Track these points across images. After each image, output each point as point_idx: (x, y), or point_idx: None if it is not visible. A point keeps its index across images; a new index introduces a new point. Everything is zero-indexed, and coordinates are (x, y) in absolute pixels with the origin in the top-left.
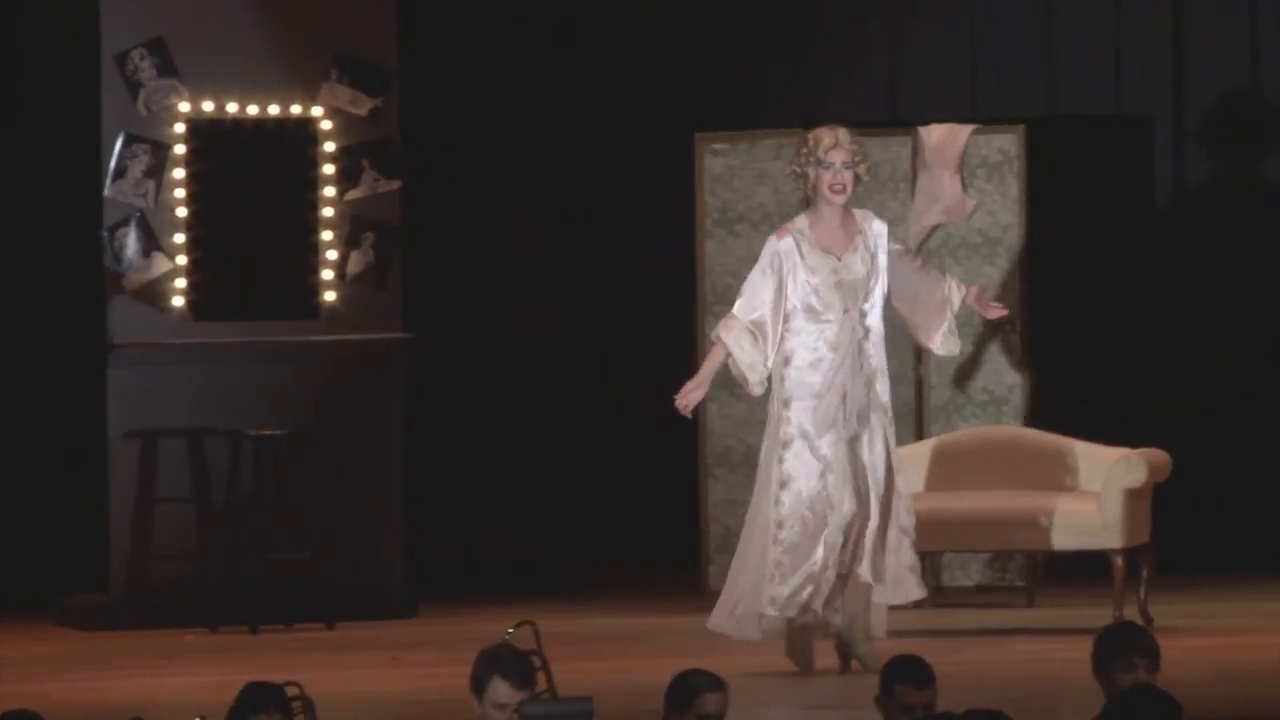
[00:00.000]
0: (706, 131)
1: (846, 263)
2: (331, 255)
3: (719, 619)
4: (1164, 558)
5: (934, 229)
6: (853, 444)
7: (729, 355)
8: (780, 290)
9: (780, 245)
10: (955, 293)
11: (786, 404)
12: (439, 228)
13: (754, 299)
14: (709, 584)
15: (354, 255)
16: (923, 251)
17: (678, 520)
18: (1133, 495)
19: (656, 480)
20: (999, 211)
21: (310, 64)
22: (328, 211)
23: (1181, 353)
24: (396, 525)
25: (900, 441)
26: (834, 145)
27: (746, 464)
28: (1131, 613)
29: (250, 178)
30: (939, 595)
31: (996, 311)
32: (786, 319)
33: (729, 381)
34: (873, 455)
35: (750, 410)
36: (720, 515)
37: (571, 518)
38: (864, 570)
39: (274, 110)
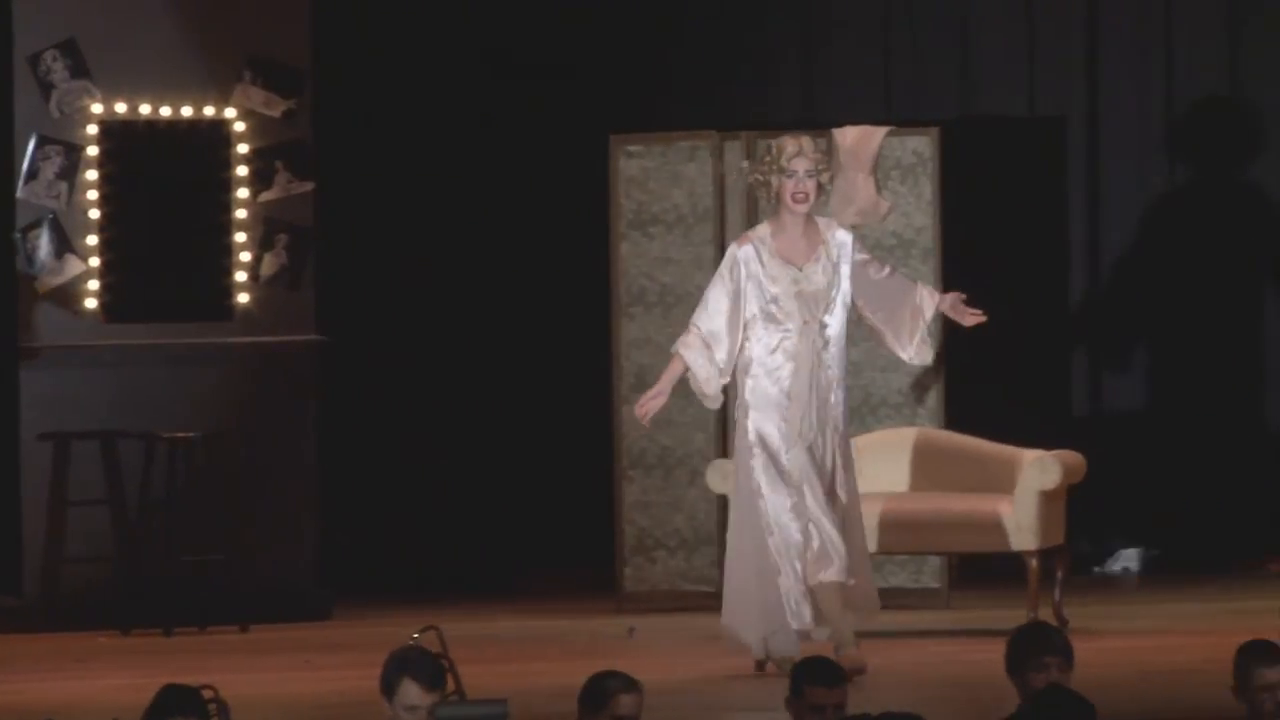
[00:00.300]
0: (621, 133)
1: (807, 273)
2: (245, 257)
3: (742, 629)
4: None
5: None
6: (810, 452)
7: (687, 369)
8: (739, 298)
9: (740, 253)
10: (928, 300)
11: (745, 412)
12: (353, 229)
13: (712, 308)
14: (624, 585)
15: (267, 257)
16: None
17: (592, 522)
18: (1047, 497)
19: (571, 482)
20: (913, 213)
21: (223, 65)
22: (241, 213)
23: (1096, 354)
24: (310, 527)
25: None
26: (797, 153)
27: (661, 465)
28: (1046, 614)
29: (163, 179)
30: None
31: (974, 319)
32: (746, 327)
33: (643, 384)
34: (833, 464)
35: (664, 412)
36: (635, 517)
37: (486, 519)
38: (834, 573)
39: (187, 112)
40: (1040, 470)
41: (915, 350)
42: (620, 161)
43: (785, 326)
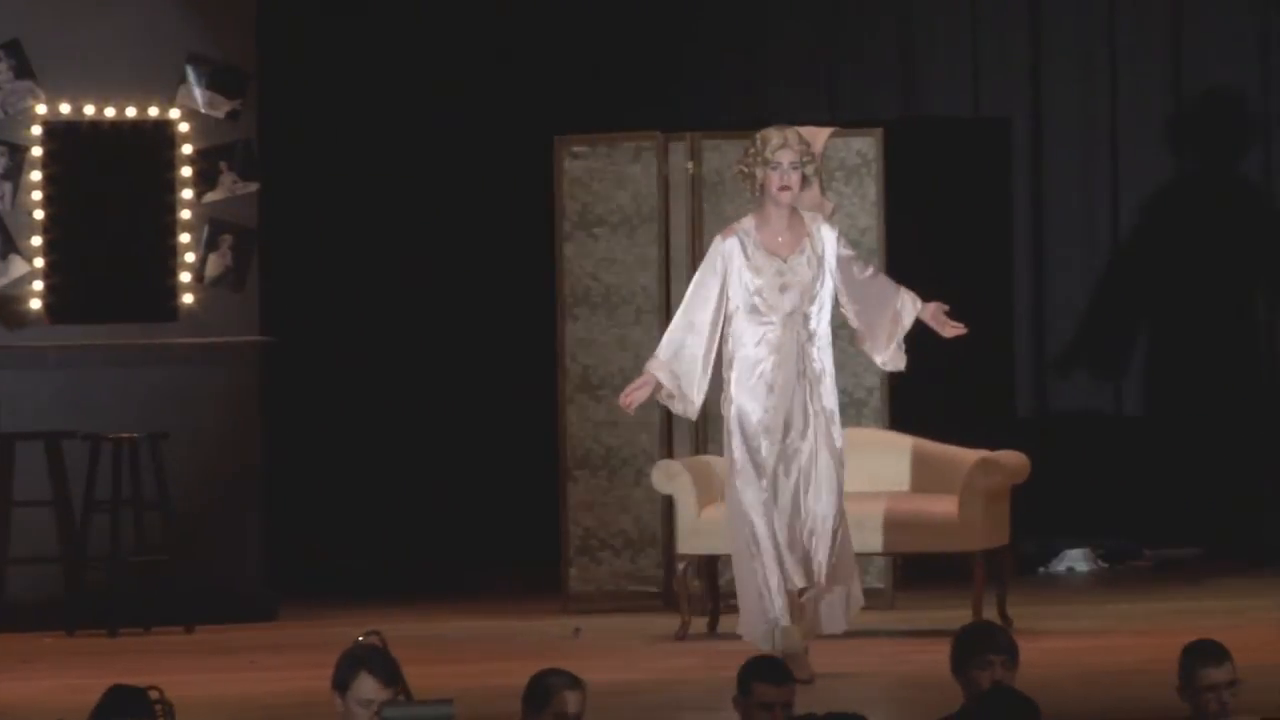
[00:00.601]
0: (565, 134)
1: (792, 265)
2: (189, 258)
3: (752, 630)
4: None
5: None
6: (790, 446)
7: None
8: (722, 291)
9: (724, 246)
10: (909, 307)
11: (729, 405)
12: (297, 230)
13: (693, 315)
14: (569, 586)
15: (212, 258)
16: None
17: (538, 522)
18: (991, 498)
19: (516, 482)
20: (857, 214)
21: (168, 66)
22: (185, 214)
23: (1040, 355)
24: (255, 528)
25: None
26: (782, 145)
27: (606, 466)
28: (990, 615)
29: (107, 180)
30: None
31: (954, 331)
32: (729, 320)
33: (588, 384)
34: (814, 460)
35: (610, 413)
36: (580, 518)
37: (431, 520)
38: (815, 574)
39: (131, 113)
40: (985, 471)
41: (890, 355)
42: (565, 162)
43: (768, 319)
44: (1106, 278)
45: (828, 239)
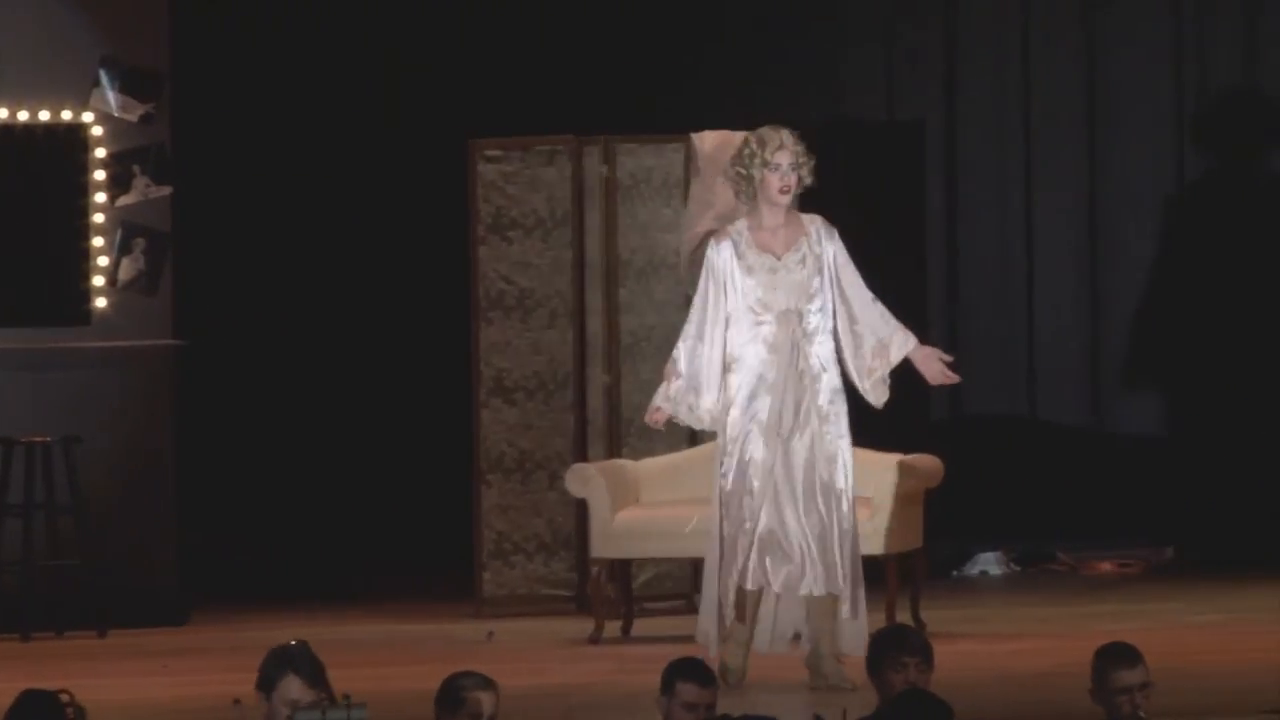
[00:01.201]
0: (479, 137)
1: (786, 263)
2: (102, 262)
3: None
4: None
5: (707, 235)
6: (788, 447)
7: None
8: (720, 300)
9: (718, 250)
10: (899, 344)
11: (726, 408)
12: (211, 234)
13: (702, 325)
14: (482, 590)
15: (125, 262)
16: (696, 259)
17: (451, 526)
18: (905, 501)
19: (430, 486)
20: None
21: (81, 69)
22: (99, 218)
23: (955, 357)
24: (169, 532)
25: (672, 447)
26: (780, 146)
27: (520, 470)
28: (904, 618)
29: (20, 184)
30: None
31: (945, 379)
32: (726, 323)
33: (502, 388)
34: (811, 459)
35: (523, 416)
36: (493, 521)
37: (345, 523)
38: (813, 583)
39: (44, 116)
40: (898, 474)
41: (870, 387)
42: (479, 166)
43: (763, 318)
44: (1020, 278)
45: (827, 242)
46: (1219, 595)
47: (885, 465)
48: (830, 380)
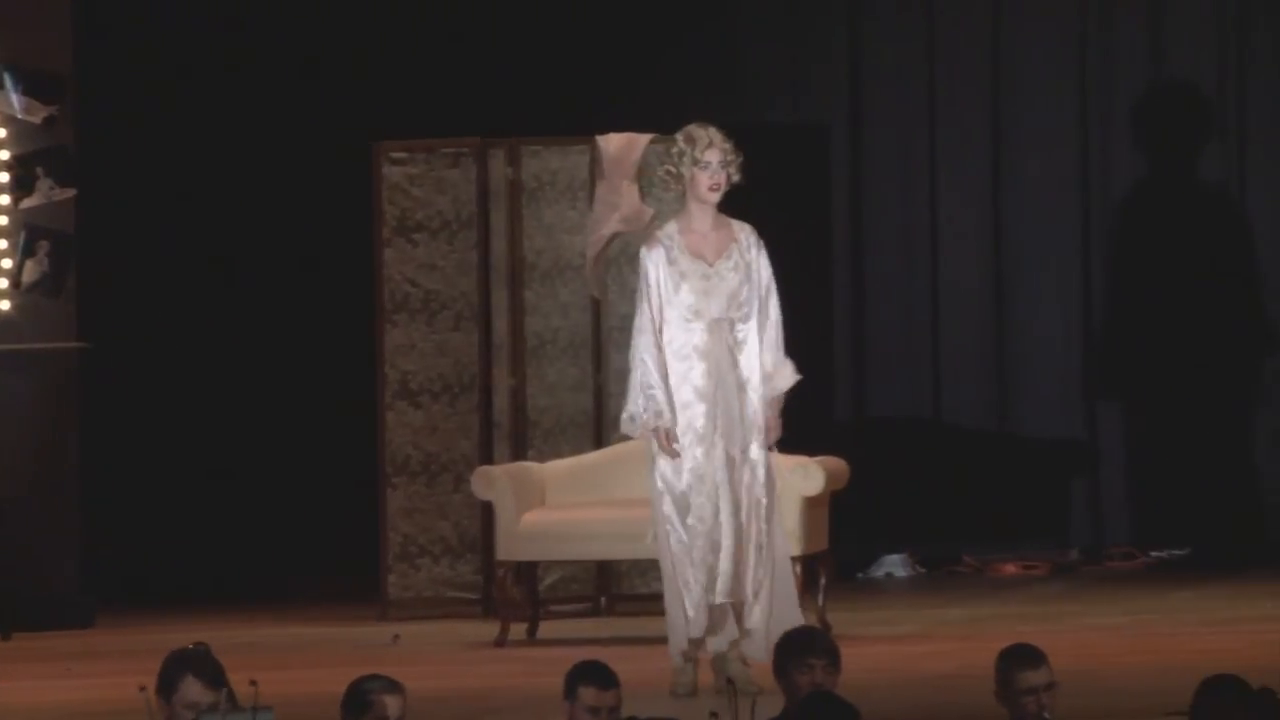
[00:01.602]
0: (384, 139)
1: (719, 270)
2: (6, 264)
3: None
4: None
5: (613, 237)
6: (726, 456)
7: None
8: (657, 304)
9: (650, 256)
10: (784, 377)
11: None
12: (116, 236)
13: (655, 334)
14: (388, 593)
15: (29, 264)
16: (602, 261)
17: (357, 529)
18: (810, 503)
19: (335, 489)
20: None
21: None
22: (2, 220)
23: (859, 361)
24: (72, 535)
25: (578, 450)
26: (709, 145)
27: (426, 472)
28: (810, 620)
29: None
30: (618, 603)
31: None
32: (660, 330)
33: (407, 390)
34: (747, 467)
35: (429, 418)
36: (399, 524)
37: (250, 526)
38: (722, 591)
39: None
40: (803, 476)
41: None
42: (384, 168)
43: (695, 324)
44: (925, 280)
45: (758, 252)
46: (1124, 597)
47: (791, 467)
48: (754, 390)
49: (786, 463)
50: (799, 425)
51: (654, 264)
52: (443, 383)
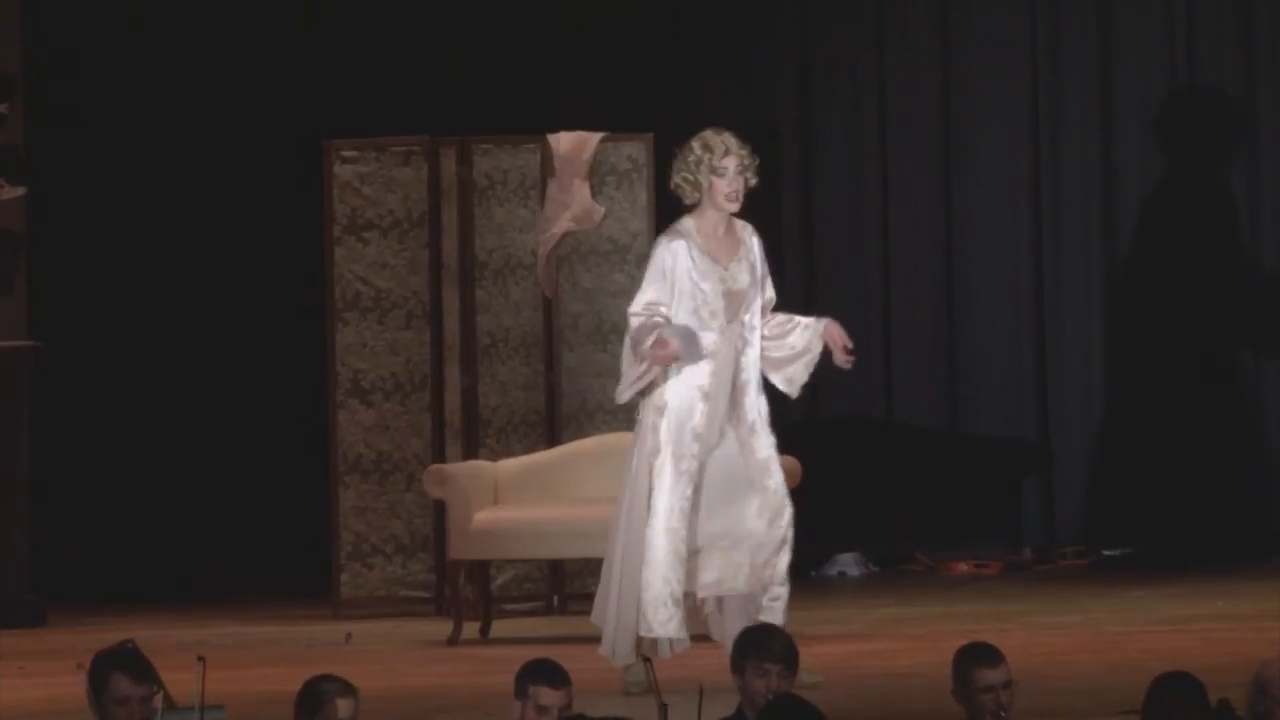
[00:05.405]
0: (335, 138)
1: (733, 272)
2: None
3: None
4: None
5: (564, 236)
6: (720, 456)
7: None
8: (670, 295)
9: (672, 246)
10: (810, 331)
11: (660, 412)
12: (66, 234)
13: (655, 298)
14: (340, 592)
15: None
16: (553, 259)
17: (309, 528)
18: None
19: (287, 488)
20: (628, 218)
21: None
22: None
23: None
24: (23, 533)
25: (530, 449)
26: (726, 151)
27: (378, 471)
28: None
29: None
30: (569, 601)
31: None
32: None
33: (359, 389)
34: (738, 467)
35: (380, 417)
36: (351, 523)
37: (202, 525)
38: (743, 584)
39: None
40: None
41: (783, 381)
42: (335, 166)
43: (709, 325)
44: (877, 281)
45: (758, 251)
46: (1076, 595)
47: None
48: (756, 390)
49: None
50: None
51: (674, 254)
52: (394, 381)
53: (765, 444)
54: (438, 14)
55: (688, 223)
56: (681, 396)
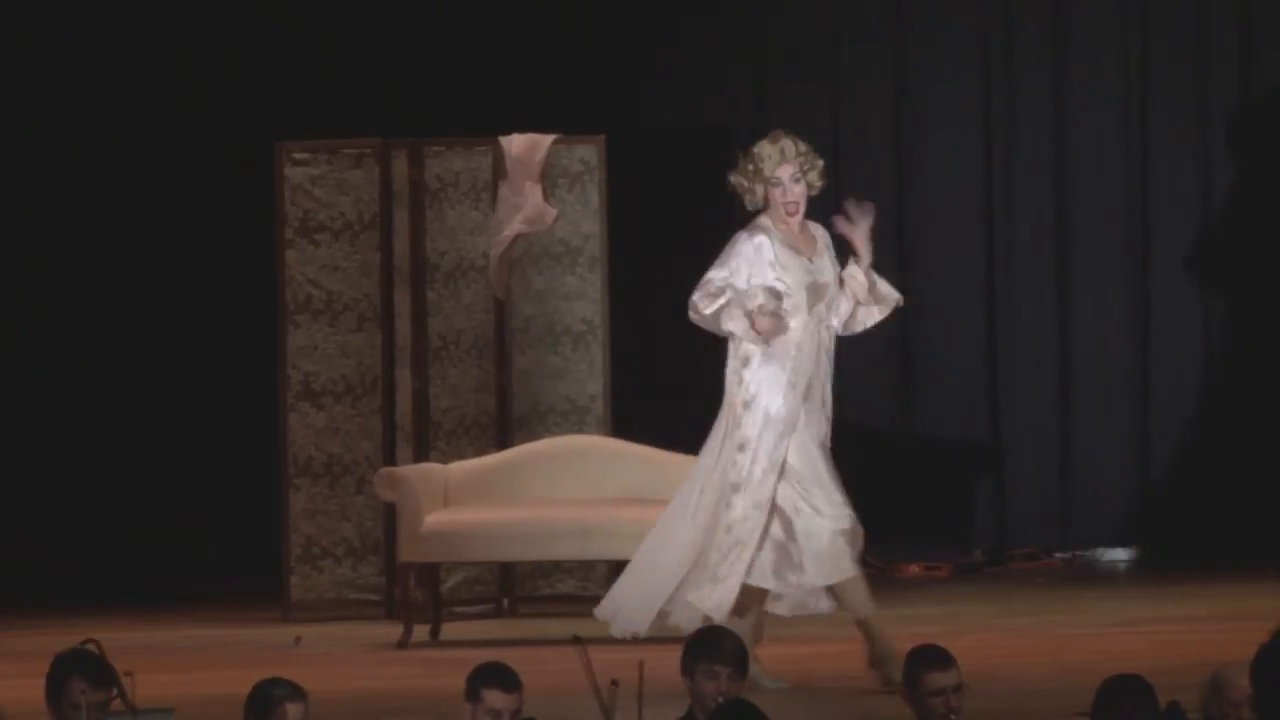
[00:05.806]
0: (286, 140)
1: (817, 265)
2: None
3: (606, 608)
4: None
5: (516, 238)
6: (802, 448)
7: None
8: (744, 280)
9: (754, 240)
10: (852, 273)
11: (747, 406)
12: (11, 236)
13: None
14: (290, 594)
15: None
16: (505, 262)
17: (259, 530)
18: None
19: (237, 490)
20: (580, 220)
21: None
22: None
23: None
24: None
25: (481, 451)
26: (780, 160)
27: (329, 474)
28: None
29: None
30: (521, 605)
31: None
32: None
33: (309, 392)
34: (819, 458)
35: (331, 420)
36: (301, 525)
37: (152, 527)
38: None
39: None
40: None
41: (843, 324)
42: (286, 169)
43: (793, 317)
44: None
45: (830, 249)
46: (1027, 598)
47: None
48: (828, 383)
49: (692, 464)
50: (706, 425)
51: (756, 247)
52: (345, 384)
53: (827, 434)
54: (389, 15)
55: (766, 220)
56: (774, 388)
